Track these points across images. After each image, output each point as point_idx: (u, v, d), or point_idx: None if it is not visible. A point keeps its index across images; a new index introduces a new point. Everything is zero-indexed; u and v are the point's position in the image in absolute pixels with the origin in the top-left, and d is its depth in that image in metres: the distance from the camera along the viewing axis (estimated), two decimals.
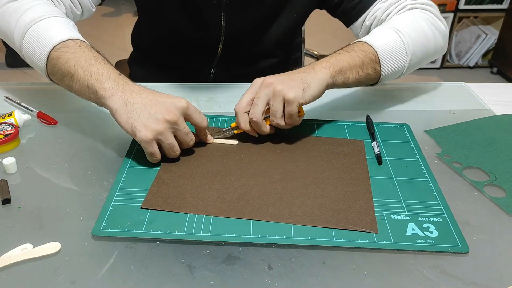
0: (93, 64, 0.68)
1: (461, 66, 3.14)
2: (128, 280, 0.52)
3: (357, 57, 0.77)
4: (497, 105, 0.90)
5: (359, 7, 0.89)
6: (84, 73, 0.68)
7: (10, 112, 0.78)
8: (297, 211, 0.62)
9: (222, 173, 0.68)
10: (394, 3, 0.87)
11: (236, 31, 0.95)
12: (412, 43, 0.80)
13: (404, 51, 0.80)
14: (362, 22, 0.91)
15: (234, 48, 0.98)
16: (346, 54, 0.77)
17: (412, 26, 0.81)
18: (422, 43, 0.82)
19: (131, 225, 0.59)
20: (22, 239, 0.57)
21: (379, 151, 0.74)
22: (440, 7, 2.87)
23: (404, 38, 0.80)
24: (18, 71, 2.91)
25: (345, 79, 0.77)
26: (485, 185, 0.69)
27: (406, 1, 0.86)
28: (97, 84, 0.67)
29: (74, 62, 0.69)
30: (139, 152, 0.73)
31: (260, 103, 0.71)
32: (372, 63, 0.78)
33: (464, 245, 0.58)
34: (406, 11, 0.86)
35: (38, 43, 0.72)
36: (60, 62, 0.70)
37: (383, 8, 0.87)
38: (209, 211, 0.61)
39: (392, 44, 0.79)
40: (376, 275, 0.54)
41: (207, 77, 1.05)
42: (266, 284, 0.52)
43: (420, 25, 0.83)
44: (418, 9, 0.86)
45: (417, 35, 0.81)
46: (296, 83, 0.71)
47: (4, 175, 0.68)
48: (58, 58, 0.70)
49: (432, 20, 0.85)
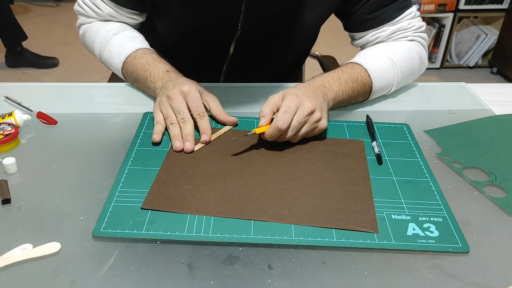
0: (147, 70, 0.87)
1: (461, 66, 3.14)
2: (128, 280, 0.52)
3: (357, 90, 0.85)
4: (497, 105, 0.90)
5: (371, 23, 0.92)
6: (143, 78, 0.88)
7: (10, 112, 0.78)
8: (297, 211, 0.62)
9: (223, 173, 0.68)
10: (399, 30, 0.92)
11: (254, 27, 0.92)
12: (401, 75, 0.89)
13: (392, 83, 0.89)
14: (365, 35, 0.94)
15: (247, 48, 0.97)
16: (349, 85, 0.84)
17: (405, 58, 0.90)
18: (408, 73, 0.92)
19: (131, 226, 0.59)
20: (22, 239, 0.57)
21: (379, 151, 0.74)
22: (440, 7, 2.87)
23: (396, 70, 0.88)
24: (18, 71, 2.91)
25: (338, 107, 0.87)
26: (485, 185, 0.68)
27: (409, 32, 0.92)
28: (151, 84, 0.87)
29: (135, 73, 0.89)
30: (140, 153, 0.73)
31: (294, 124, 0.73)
32: (365, 93, 0.87)
33: (464, 245, 0.58)
34: (405, 41, 0.93)
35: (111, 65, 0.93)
36: (127, 75, 0.92)
37: (389, 31, 0.92)
38: (209, 211, 0.61)
39: (386, 76, 0.88)
40: (376, 275, 0.54)
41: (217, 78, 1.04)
42: (266, 284, 0.52)
43: (412, 58, 0.92)
44: (416, 42, 0.94)
45: (407, 67, 0.90)
46: (326, 113, 0.77)
47: (4, 175, 0.68)
48: (126, 73, 0.92)
49: (422, 55, 0.94)
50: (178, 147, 0.74)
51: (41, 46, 3.02)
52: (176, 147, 0.74)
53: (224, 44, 0.97)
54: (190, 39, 0.98)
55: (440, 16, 2.98)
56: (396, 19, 0.91)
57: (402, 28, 0.92)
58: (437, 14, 2.96)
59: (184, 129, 0.76)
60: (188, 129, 0.76)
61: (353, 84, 0.84)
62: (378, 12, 0.90)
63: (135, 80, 0.91)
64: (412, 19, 0.92)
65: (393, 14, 0.90)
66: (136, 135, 0.78)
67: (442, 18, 3.01)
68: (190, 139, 0.75)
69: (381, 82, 0.87)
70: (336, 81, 0.82)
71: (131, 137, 0.77)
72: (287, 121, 0.71)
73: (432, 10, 2.87)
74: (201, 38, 0.97)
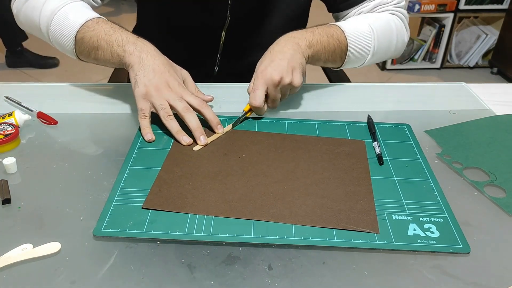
0: (112, 35, 0.79)
1: (461, 66, 3.15)
2: (128, 280, 0.52)
3: (332, 45, 0.85)
4: (497, 105, 0.90)
5: (352, 1, 0.95)
6: (107, 44, 0.79)
7: (10, 112, 0.78)
8: (298, 211, 0.62)
9: (223, 173, 0.68)
10: (380, 4, 0.94)
11: (243, 13, 0.95)
12: (378, 44, 0.90)
13: (369, 50, 0.89)
14: (347, 14, 0.97)
15: (238, 35, 0.98)
16: (325, 38, 0.85)
17: (384, 27, 0.91)
18: (385, 45, 0.92)
19: (132, 225, 0.59)
20: (22, 239, 0.56)
21: (380, 151, 0.74)
22: (440, 7, 2.87)
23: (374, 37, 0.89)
24: (18, 71, 2.91)
25: (316, 61, 0.87)
26: (485, 185, 0.68)
27: (389, 6, 0.95)
28: (119, 48, 0.78)
29: (96, 37, 0.79)
30: (141, 153, 0.73)
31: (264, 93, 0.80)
32: (341, 53, 0.87)
33: (465, 246, 0.58)
34: (385, 13, 0.95)
35: (63, 31, 0.82)
36: (85, 41, 0.80)
37: (370, 6, 0.94)
38: (210, 211, 0.61)
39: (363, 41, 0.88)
40: (376, 275, 0.54)
41: (211, 73, 1.05)
42: (266, 284, 0.52)
43: (391, 29, 0.93)
44: (396, 16, 0.95)
45: (384, 36, 0.91)
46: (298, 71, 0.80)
47: (4, 175, 0.68)
48: (82, 39, 0.81)
49: (401, 29, 0.95)
50: (188, 142, 0.74)
51: (41, 46, 3.02)
52: (186, 142, 0.74)
53: (215, 33, 0.98)
54: (181, 29, 0.98)
55: (440, 16, 2.99)
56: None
57: (382, 3, 0.94)
58: (437, 14, 2.96)
59: (191, 121, 0.75)
60: (194, 120, 0.75)
61: (328, 38, 0.85)
62: None
63: (94, 47, 0.80)
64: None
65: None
66: (137, 135, 0.77)
67: (442, 18, 3.01)
68: (202, 131, 0.75)
69: (358, 45, 0.87)
70: (310, 32, 0.84)
71: (132, 137, 0.77)
72: (259, 98, 0.78)
73: (432, 10, 2.88)
74: (191, 28, 0.98)
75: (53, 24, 0.83)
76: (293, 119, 0.83)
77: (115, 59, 0.79)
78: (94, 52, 0.81)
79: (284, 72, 0.78)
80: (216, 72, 1.05)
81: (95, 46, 0.80)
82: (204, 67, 1.03)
